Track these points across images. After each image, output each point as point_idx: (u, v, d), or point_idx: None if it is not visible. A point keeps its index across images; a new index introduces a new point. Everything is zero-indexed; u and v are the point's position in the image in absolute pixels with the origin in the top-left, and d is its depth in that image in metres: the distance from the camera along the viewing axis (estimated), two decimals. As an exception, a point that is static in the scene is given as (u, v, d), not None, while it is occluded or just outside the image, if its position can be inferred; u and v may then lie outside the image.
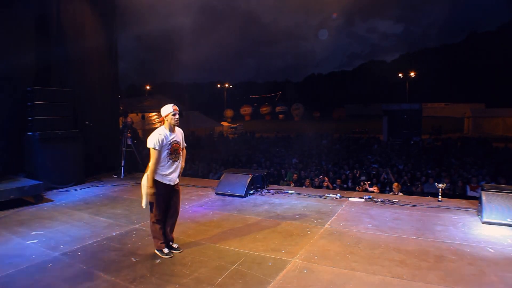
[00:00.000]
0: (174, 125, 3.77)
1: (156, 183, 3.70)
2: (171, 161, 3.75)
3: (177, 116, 3.74)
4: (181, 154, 3.91)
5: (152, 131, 3.78)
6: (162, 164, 3.71)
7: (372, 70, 72.33)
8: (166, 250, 3.84)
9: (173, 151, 3.76)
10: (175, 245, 3.98)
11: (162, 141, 3.66)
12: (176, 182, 3.87)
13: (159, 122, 3.97)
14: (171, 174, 3.78)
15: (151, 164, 3.64)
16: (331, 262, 3.62)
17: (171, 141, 3.74)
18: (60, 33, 7.97)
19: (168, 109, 3.72)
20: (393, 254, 3.78)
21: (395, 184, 8.26)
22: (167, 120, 3.74)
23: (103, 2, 9.11)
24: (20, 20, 7.30)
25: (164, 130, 3.73)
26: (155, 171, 3.66)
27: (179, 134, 3.88)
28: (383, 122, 26.06)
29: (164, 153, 3.71)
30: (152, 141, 3.63)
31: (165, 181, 3.75)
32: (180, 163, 3.94)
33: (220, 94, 62.13)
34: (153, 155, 3.64)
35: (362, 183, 8.36)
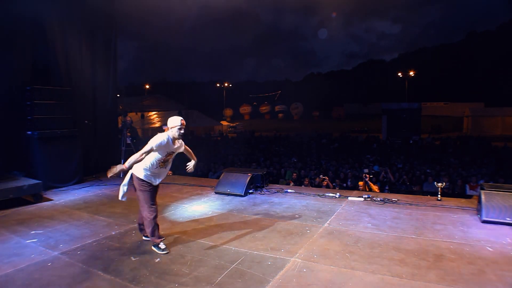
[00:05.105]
0: (177, 139, 3.87)
1: (143, 182, 3.85)
2: (159, 168, 3.88)
3: (182, 131, 3.83)
4: (170, 162, 4.02)
5: (151, 130, 3.81)
6: (151, 167, 3.83)
7: (371, 70, 72.35)
8: (162, 246, 3.90)
9: (165, 160, 3.89)
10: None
11: (163, 146, 3.75)
12: (159, 183, 4.04)
13: (163, 128, 4.08)
14: (157, 177, 3.94)
15: (136, 154, 3.71)
16: (331, 261, 3.62)
17: (169, 151, 3.85)
18: (58, 32, 7.95)
19: (175, 122, 3.80)
20: (393, 253, 3.78)
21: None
22: (171, 131, 3.82)
23: (102, 1, 9.08)
24: (17, 19, 7.27)
25: (168, 138, 3.80)
26: (134, 162, 3.71)
27: (178, 146, 3.97)
28: (382, 121, 26.12)
29: (157, 159, 3.81)
30: (155, 141, 3.69)
31: (152, 181, 3.89)
32: (167, 170, 4.06)
33: (219, 93, 62.10)
34: (145, 148, 3.70)
35: (364, 175, 8.30)
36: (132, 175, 3.91)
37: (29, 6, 7.23)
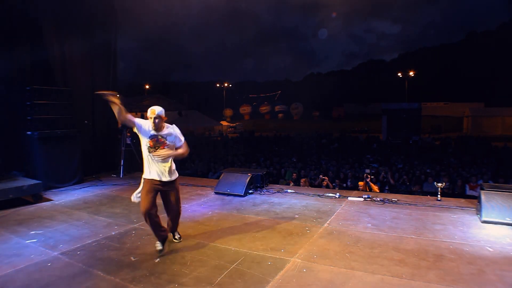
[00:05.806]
0: (154, 128, 3.75)
1: (144, 180, 3.86)
2: (151, 155, 3.77)
3: (154, 120, 3.71)
4: (163, 152, 3.78)
5: None
6: (144, 155, 3.82)
7: (371, 70, 72.36)
8: (159, 247, 3.91)
9: (152, 145, 3.76)
10: (177, 236, 4.21)
11: (142, 126, 3.74)
12: (163, 180, 3.82)
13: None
14: (152, 169, 3.80)
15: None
16: (331, 261, 3.62)
17: (152, 134, 3.75)
18: (58, 31, 7.95)
19: (148, 113, 3.78)
20: (392, 253, 3.78)
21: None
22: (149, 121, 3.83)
23: (102, 2, 9.08)
24: (17, 19, 7.27)
25: (149, 124, 3.78)
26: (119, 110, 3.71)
27: (167, 131, 3.83)
28: (382, 121, 26.17)
29: (143, 145, 3.78)
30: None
31: (148, 176, 3.82)
32: (166, 162, 3.84)
33: (219, 93, 62.09)
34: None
35: (365, 175, 8.27)
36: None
37: (29, 5, 7.23)
